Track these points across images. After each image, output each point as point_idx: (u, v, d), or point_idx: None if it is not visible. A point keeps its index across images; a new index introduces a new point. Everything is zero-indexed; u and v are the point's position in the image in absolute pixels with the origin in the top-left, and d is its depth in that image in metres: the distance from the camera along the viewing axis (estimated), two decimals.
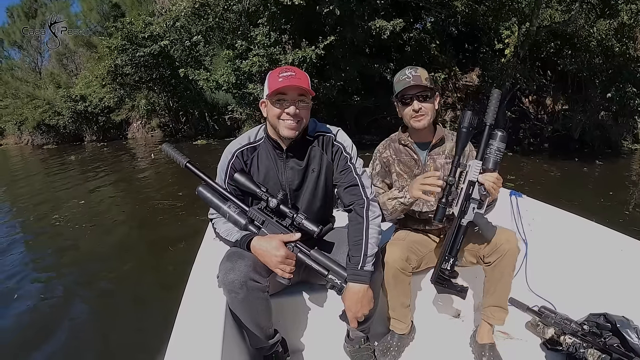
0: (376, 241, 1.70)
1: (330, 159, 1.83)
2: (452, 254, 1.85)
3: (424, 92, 1.95)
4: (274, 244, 1.59)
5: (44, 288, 4.34)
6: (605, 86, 12.05)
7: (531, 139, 13.72)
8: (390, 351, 2.07)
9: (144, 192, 8.73)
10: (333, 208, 2.05)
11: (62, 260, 5.13)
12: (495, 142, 1.74)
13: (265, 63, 11.44)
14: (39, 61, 26.49)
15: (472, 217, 1.80)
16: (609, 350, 1.84)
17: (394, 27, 11.39)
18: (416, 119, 1.98)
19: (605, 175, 9.88)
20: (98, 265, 4.82)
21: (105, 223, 6.60)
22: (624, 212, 6.30)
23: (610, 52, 12.21)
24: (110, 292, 4.17)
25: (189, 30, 13.50)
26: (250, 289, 1.57)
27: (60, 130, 20.23)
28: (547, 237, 2.61)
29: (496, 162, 1.76)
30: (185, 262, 2.13)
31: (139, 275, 4.51)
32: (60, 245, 5.68)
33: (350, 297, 1.62)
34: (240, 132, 16.52)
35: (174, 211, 6.90)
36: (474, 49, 15.96)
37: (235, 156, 1.79)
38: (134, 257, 5.08)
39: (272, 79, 1.67)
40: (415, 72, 1.95)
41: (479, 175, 1.75)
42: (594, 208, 6.20)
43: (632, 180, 9.30)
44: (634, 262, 2.10)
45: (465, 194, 1.78)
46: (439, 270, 1.88)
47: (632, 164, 11.61)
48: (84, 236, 5.94)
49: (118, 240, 5.77)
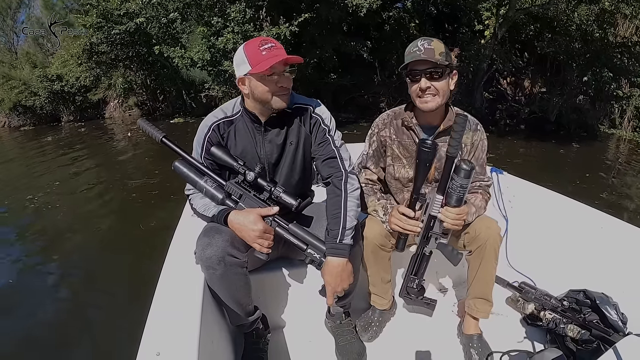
0: (355, 214, 1.66)
1: (309, 132, 1.78)
2: (417, 276, 1.81)
3: (435, 68, 1.71)
4: (252, 218, 1.55)
5: (15, 269, 4.27)
6: (582, 70, 12.27)
7: (507, 119, 13.88)
8: (371, 326, 2.07)
9: (119, 172, 8.60)
10: (312, 182, 2.01)
11: (35, 243, 5.06)
12: (458, 179, 1.56)
13: (240, 40, 11.22)
14: (15, 41, 25.79)
15: (435, 246, 1.73)
16: (589, 326, 1.87)
17: (370, 5, 11.22)
18: (423, 99, 1.76)
19: (582, 158, 10.13)
20: (70, 246, 4.79)
21: (79, 204, 6.52)
22: (599, 194, 6.48)
23: (589, 37, 12.38)
24: (83, 272, 4.14)
25: (165, 7, 13.21)
26: (229, 265, 1.53)
27: (37, 111, 19.74)
28: (527, 214, 2.63)
29: (460, 199, 1.61)
30: (156, 240, 2.09)
31: (112, 254, 4.50)
32: (34, 227, 5.57)
33: (330, 271, 1.59)
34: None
35: (147, 190, 6.87)
36: (454, 29, 15.91)
37: (211, 129, 1.73)
38: (107, 236, 5.05)
39: (253, 52, 1.57)
40: (428, 44, 1.71)
41: (440, 212, 1.65)
42: (570, 189, 6.35)
43: (607, 164, 9.54)
44: (613, 239, 2.12)
45: (426, 226, 1.70)
46: (406, 288, 1.84)
47: (607, 148, 11.91)
48: (58, 217, 5.85)
49: (91, 220, 5.69)
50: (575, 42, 12.58)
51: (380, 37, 14.13)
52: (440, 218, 1.65)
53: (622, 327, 1.84)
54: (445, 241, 1.71)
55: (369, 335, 2.05)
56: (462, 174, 1.55)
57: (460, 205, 1.64)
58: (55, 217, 5.84)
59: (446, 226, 1.66)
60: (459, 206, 1.64)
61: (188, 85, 17.64)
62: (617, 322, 1.85)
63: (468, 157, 1.92)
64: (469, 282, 1.94)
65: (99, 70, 17.70)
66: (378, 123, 2.01)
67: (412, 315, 2.16)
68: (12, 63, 21.90)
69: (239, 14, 11.19)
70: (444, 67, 1.73)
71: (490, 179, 2.01)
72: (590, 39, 12.37)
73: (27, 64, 20.92)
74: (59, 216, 5.87)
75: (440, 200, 1.64)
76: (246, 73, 1.60)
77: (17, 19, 24.83)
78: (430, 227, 1.70)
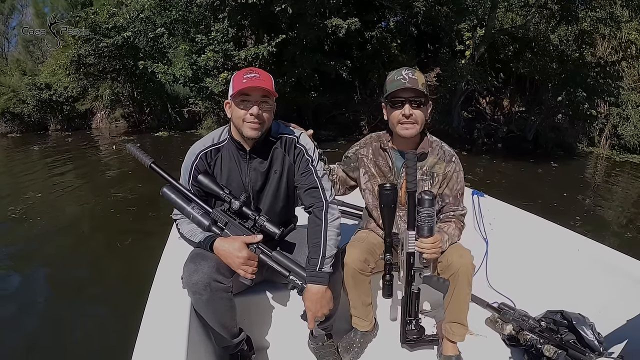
0: (335, 243, 1.71)
1: (292, 161, 1.83)
2: (412, 317, 1.87)
3: (419, 97, 1.82)
4: (237, 245, 1.60)
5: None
6: (557, 90, 12.40)
7: (485, 138, 13.97)
8: (352, 348, 2.09)
9: (102, 185, 8.50)
10: (295, 208, 2.06)
11: (13, 258, 4.93)
12: (424, 209, 1.67)
13: (220, 58, 11.46)
14: (6, 46, 25.55)
15: (421, 282, 1.80)
16: (565, 346, 1.91)
17: (349, 26, 11.37)
18: (404, 126, 1.85)
19: (560, 177, 10.18)
20: (47, 262, 4.68)
21: (59, 216, 6.39)
22: (575, 216, 6.48)
23: (566, 57, 12.57)
24: (63, 289, 4.04)
25: (154, 21, 13.26)
26: (214, 290, 1.58)
27: (25, 118, 19.55)
28: (507, 236, 2.69)
29: (431, 227, 1.70)
30: (139, 260, 2.08)
31: (95, 273, 4.36)
32: (11, 240, 5.45)
33: (310, 297, 1.64)
34: (200, 125, 16.71)
35: (127, 204, 6.82)
36: (435, 49, 16.12)
37: (199, 157, 1.79)
38: (88, 254, 4.92)
39: (236, 80, 1.67)
40: (412, 74, 1.82)
41: (415, 245, 1.73)
42: (547, 210, 6.37)
43: (585, 182, 9.70)
44: (589, 261, 2.19)
45: (407, 265, 1.77)
46: (405, 333, 1.90)
47: (585, 167, 12.08)
48: (36, 230, 5.71)
49: (71, 233, 5.61)
50: (553, 62, 12.75)
51: (362, 56, 14.30)
52: (418, 251, 1.73)
53: (598, 346, 1.89)
54: (429, 273, 1.78)
55: (350, 356, 2.07)
56: (426, 204, 1.67)
57: (432, 233, 1.72)
58: (35, 230, 5.71)
59: (426, 257, 1.73)
60: (431, 235, 1.72)
61: (173, 99, 17.65)
62: (593, 342, 1.89)
63: (440, 187, 1.99)
64: (445, 306, 1.98)
65: (86, 82, 17.62)
66: (361, 142, 2.14)
67: (393, 337, 2.17)
68: (2, 69, 21.74)
69: (219, 34, 11.33)
70: (425, 97, 1.83)
71: (464, 208, 2.06)
72: (567, 59, 12.57)
73: (17, 71, 20.78)
74: (38, 228, 5.74)
75: (413, 235, 1.72)
76: (230, 97, 1.70)
77: (9, 24, 24.71)
78: (411, 264, 1.77)
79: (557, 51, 12.73)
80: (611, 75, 12.85)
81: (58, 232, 5.70)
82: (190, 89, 13.55)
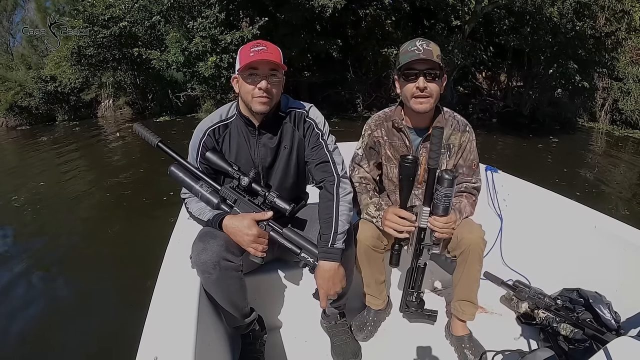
0: (347, 218, 1.66)
1: (302, 136, 1.78)
2: (414, 289, 1.84)
3: (434, 69, 1.72)
4: (246, 222, 1.56)
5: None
6: (549, 62, 12.20)
7: (480, 114, 13.88)
8: (366, 326, 2.08)
9: (109, 171, 8.53)
10: (306, 184, 2.00)
11: (22, 245, 5.02)
12: (442, 188, 1.61)
13: (208, 43, 11.54)
14: (11, 42, 25.65)
15: (428, 258, 1.77)
16: (582, 324, 1.87)
17: (335, 5, 11.29)
18: (418, 100, 1.76)
19: (560, 152, 10.08)
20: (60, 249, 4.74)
21: (67, 203, 6.45)
22: (576, 191, 6.42)
23: (559, 30, 12.35)
24: (73, 275, 4.09)
25: (150, 10, 13.30)
26: (224, 269, 1.54)
27: (33, 111, 19.70)
28: (522, 213, 2.65)
29: (446, 207, 1.66)
30: (150, 243, 2.06)
31: (105, 258, 4.40)
32: (19, 229, 5.53)
33: (322, 275, 1.60)
34: (200, 108, 16.76)
35: (137, 188, 6.90)
36: (431, 25, 15.81)
37: (206, 134, 1.73)
38: (97, 239, 4.97)
39: (243, 53, 1.61)
40: (427, 45, 1.72)
41: (428, 222, 1.69)
42: (548, 185, 6.23)
43: (586, 158, 9.58)
44: (606, 238, 2.12)
45: (417, 239, 1.74)
46: (406, 302, 1.88)
47: (586, 142, 11.94)
48: (44, 218, 5.78)
49: (76, 222, 5.66)
50: (548, 35, 12.53)
51: (356, 34, 14.18)
52: (430, 228, 1.69)
53: (615, 325, 1.85)
54: (437, 251, 1.75)
55: (364, 335, 2.06)
56: (446, 184, 1.60)
57: (447, 213, 1.67)
58: (43, 218, 5.78)
59: (437, 236, 1.70)
60: (446, 215, 1.67)
61: (172, 85, 17.76)
62: (610, 321, 1.86)
63: (456, 158, 1.94)
64: (454, 285, 1.95)
65: (88, 72, 17.70)
66: (370, 124, 2.02)
67: (407, 315, 2.17)
68: (9, 64, 21.88)
69: (206, 20, 11.45)
70: (440, 69, 1.74)
71: (478, 181, 2.00)
72: (559, 31, 12.35)
73: (22, 66, 20.93)
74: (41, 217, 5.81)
75: (428, 212, 1.68)
76: (236, 71, 1.64)
77: (13, 20, 24.77)
78: (421, 239, 1.73)
79: (550, 23, 12.52)
80: (606, 47, 12.68)
81: (69, 213, 5.88)
82: (184, 74, 13.75)
